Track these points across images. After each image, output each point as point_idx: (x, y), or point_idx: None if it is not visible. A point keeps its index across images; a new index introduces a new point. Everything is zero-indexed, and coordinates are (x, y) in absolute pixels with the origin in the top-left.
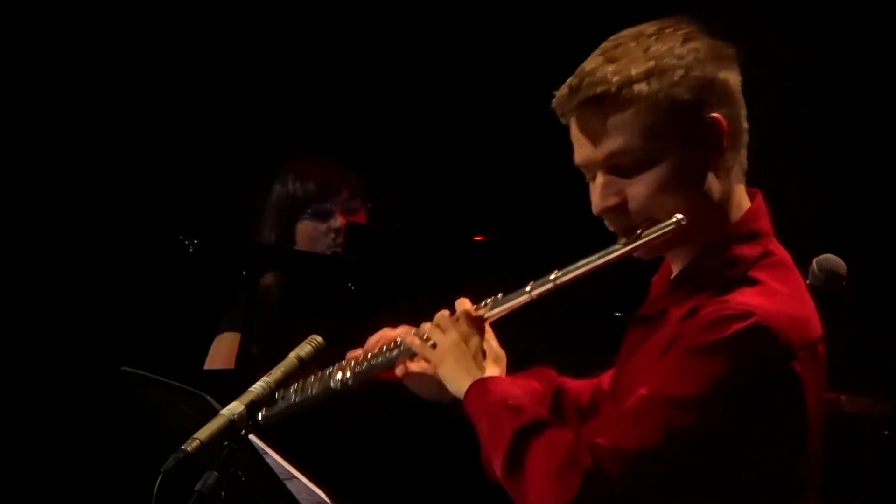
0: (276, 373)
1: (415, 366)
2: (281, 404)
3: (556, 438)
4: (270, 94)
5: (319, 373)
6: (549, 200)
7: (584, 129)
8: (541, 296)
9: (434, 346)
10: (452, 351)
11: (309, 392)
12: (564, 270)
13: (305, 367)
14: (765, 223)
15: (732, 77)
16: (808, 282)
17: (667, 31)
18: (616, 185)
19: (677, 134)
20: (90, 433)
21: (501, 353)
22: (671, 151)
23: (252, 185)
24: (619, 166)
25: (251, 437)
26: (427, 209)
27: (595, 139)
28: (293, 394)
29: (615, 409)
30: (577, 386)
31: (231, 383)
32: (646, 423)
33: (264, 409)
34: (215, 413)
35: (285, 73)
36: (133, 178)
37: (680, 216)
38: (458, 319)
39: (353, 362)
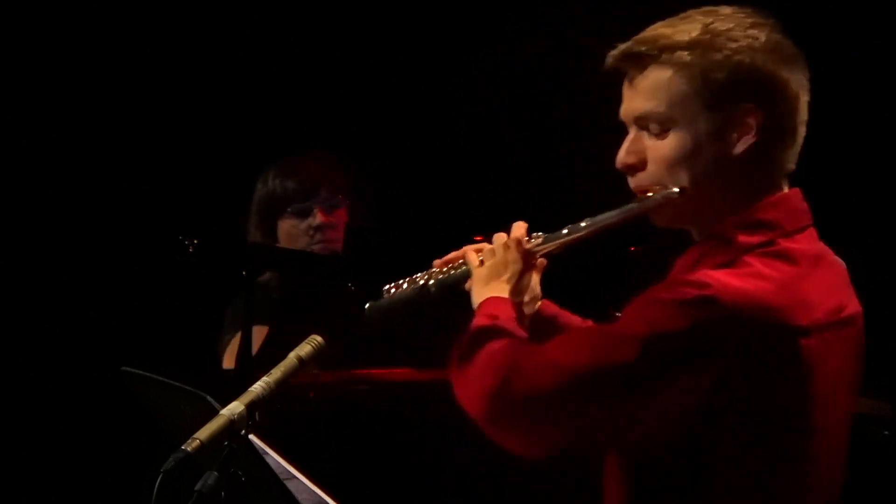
0: (276, 373)
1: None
2: (384, 299)
3: (503, 345)
4: (270, 94)
5: (413, 276)
6: (549, 200)
7: (627, 84)
8: (575, 240)
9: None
10: (489, 273)
11: (404, 291)
12: (592, 220)
13: (305, 367)
14: (781, 218)
15: (791, 78)
16: None
17: (740, 15)
18: (640, 143)
19: (704, 110)
20: (90, 433)
21: (537, 290)
22: (695, 125)
23: (251, 185)
24: (646, 126)
25: (251, 437)
26: (427, 209)
27: (632, 94)
28: (393, 288)
29: (561, 334)
30: None
31: (231, 383)
32: (578, 345)
33: (371, 301)
34: (215, 413)
35: (285, 72)
36: (133, 178)
37: (680, 188)
38: (507, 246)
39: (436, 269)
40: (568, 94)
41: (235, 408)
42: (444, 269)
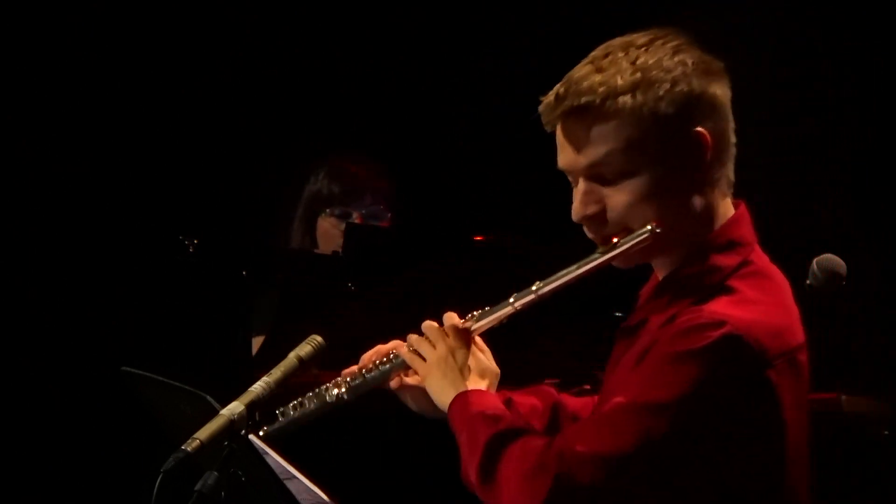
0: (276, 373)
1: (410, 379)
2: (281, 420)
3: (528, 445)
4: (270, 95)
5: (316, 389)
6: (548, 201)
7: (568, 137)
8: (524, 307)
9: (423, 359)
10: (440, 365)
11: (307, 407)
12: (546, 281)
13: (305, 367)
14: (745, 232)
15: (721, 91)
16: (807, 282)
17: (657, 42)
18: (596, 193)
19: (659, 147)
20: (90, 433)
21: (490, 366)
22: (652, 163)
23: (250, 185)
24: (601, 175)
25: (251, 437)
26: (427, 209)
27: (578, 147)
28: (291, 410)
29: (591, 417)
30: (577, 403)
31: (231, 383)
32: (617, 428)
33: (265, 427)
34: (215, 413)
35: (286, 73)
36: (133, 178)
37: (652, 225)
38: (446, 333)
39: (348, 378)
40: None
41: (235, 408)
42: (358, 374)
